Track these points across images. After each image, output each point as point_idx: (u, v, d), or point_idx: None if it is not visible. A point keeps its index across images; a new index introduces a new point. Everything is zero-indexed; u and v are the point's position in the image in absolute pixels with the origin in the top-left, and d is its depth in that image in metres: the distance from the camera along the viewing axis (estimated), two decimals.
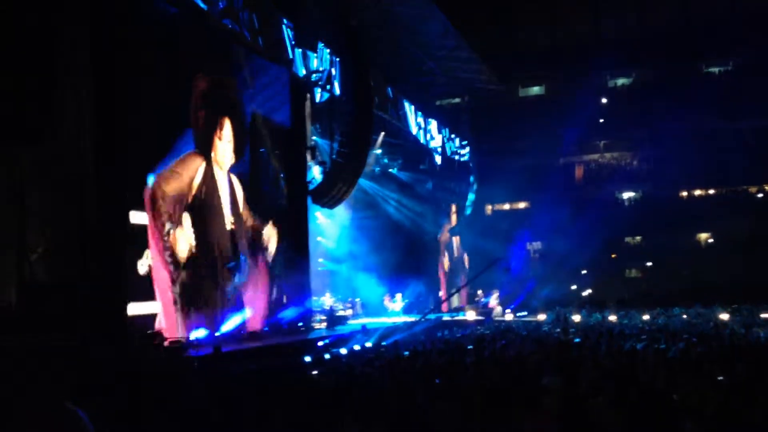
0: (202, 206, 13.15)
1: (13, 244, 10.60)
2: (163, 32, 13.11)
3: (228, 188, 14.07)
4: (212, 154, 13.64)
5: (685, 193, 35.69)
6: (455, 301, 29.45)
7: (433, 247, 30.31)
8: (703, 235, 34.89)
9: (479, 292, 29.35)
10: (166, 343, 11.38)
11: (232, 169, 14.51)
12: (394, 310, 24.13)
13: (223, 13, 15.27)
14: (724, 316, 22.93)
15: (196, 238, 12.87)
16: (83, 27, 11.02)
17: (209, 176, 13.39)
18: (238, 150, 14.21)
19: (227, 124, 14.03)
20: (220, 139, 13.70)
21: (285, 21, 17.82)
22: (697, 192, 35.70)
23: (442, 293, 28.98)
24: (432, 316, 23.08)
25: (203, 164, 13.33)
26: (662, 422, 5.77)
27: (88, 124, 10.92)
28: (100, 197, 10.92)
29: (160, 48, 12.96)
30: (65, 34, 10.90)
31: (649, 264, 34.30)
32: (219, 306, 13.84)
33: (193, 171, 13.06)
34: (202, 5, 14.50)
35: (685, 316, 23.40)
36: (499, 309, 26.97)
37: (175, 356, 10.75)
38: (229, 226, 13.96)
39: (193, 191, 12.97)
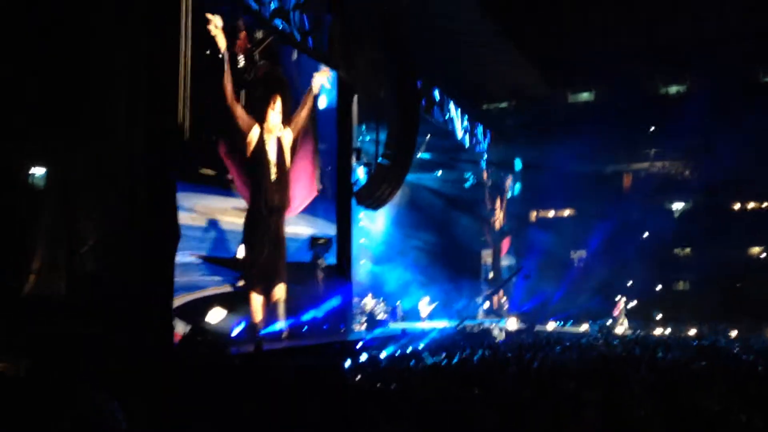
0: (254, 157, 14.67)
1: (64, 239, 10.85)
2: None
3: (276, 149, 15.15)
4: (265, 124, 14.84)
5: (737, 206, 34.72)
6: (494, 307, 29.29)
7: (476, 251, 30.16)
8: (756, 249, 33.92)
9: (502, 299, 29.23)
10: (207, 339, 11.54)
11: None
12: (426, 315, 23.97)
13: (274, 13, 15.45)
14: None
15: (252, 186, 14.47)
16: (139, 26, 11.23)
17: (261, 140, 14.76)
18: (285, 119, 15.37)
19: (278, 99, 15.19)
20: (273, 110, 15.00)
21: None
22: (751, 204, 34.70)
23: (481, 298, 28.78)
24: (473, 322, 22.92)
25: (258, 128, 14.65)
26: None
27: (140, 121, 11.13)
28: (150, 193, 11.13)
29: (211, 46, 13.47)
30: (120, 33, 11.13)
31: (698, 277, 33.47)
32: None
33: (253, 132, 14.55)
34: (254, 6, 14.69)
35: (734, 332, 22.82)
36: (624, 320, 26.34)
37: (216, 353, 10.88)
38: (273, 177, 15.03)
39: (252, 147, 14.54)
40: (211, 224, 13.19)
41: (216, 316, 12.76)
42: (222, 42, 13.60)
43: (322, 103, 17.06)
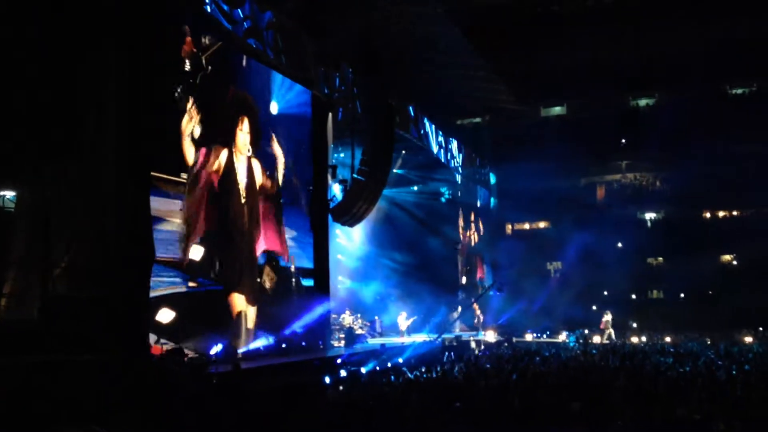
0: (223, 183, 14.84)
1: (37, 261, 10.68)
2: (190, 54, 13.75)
3: (246, 170, 15.52)
4: (234, 144, 15.21)
5: (708, 215, 35.28)
6: (472, 320, 29.39)
7: (451, 266, 30.25)
8: (727, 257, 34.46)
9: (478, 312, 29.41)
10: (186, 360, 11.43)
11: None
12: (405, 329, 23.97)
13: (247, 33, 15.48)
14: (748, 339, 22.62)
15: (218, 210, 14.59)
16: (115, 52, 11.17)
17: (230, 161, 15.07)
18: (254, 142, 15.81)
19: (246, 121, 15.62)
20: (241, 131, 15.46)
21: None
22: (721, 213, 35.27)
23: (457, 312, 28.81)
24: (451, 335, 22.95)
25: (226, 151, 14.89)
26: None
27: (114, 143, 11.05)
28: (125, 214, 11.02)
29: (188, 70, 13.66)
30: (98, 58, 11.07)
31: (672, 286, 33.90)
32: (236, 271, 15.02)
33: (220, 158, 14.76)
34: (227, 25, 14.71)
35: (708, 339, 23.09)
36: (610, 332, 26.64)
37: (195, 373, 10.77)
38: (243, 200, 15.38)
39: (220, 173, 14.72)
40: (158, 225, 13.04)
41: (165, 316, 12.70)
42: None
43: (274, 109, 16.96)
